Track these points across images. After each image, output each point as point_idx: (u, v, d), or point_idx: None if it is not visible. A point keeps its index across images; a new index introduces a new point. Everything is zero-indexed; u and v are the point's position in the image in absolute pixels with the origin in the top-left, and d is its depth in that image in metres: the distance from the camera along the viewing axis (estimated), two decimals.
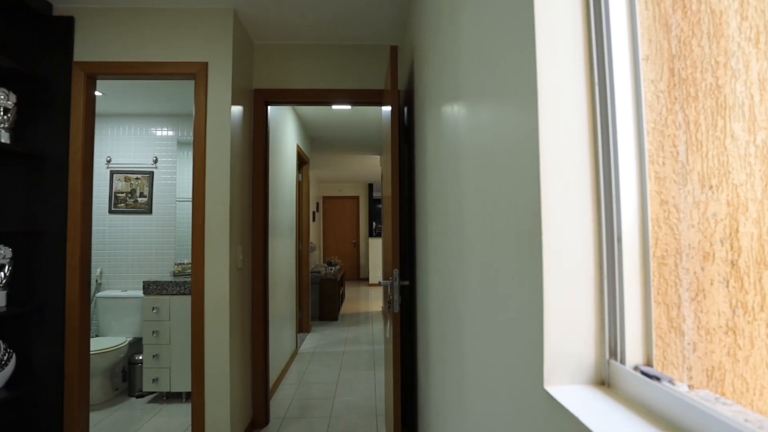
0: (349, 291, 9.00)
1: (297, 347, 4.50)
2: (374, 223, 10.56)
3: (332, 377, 3.69)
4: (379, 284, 2.17)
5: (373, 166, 8.13)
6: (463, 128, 1.07)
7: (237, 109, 2.35)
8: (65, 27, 2.20)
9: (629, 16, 0.63)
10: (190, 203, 3.51)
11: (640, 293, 0.61)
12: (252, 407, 2.68)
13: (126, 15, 2.24)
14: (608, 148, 0.62)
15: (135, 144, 3.65)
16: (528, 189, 0.66)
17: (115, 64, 2.22)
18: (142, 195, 3.58)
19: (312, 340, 4.96)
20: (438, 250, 1.44)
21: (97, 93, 2.30)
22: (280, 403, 3.14)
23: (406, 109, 2.42)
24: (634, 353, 0.60)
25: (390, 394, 2.08)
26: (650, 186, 0.60)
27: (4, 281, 1.97)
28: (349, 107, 3.96)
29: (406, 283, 2.02)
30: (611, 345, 0.62)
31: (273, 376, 3.31)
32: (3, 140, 1.98)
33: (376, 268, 9.52)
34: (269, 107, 2.80)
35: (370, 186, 10.74)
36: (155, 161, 3.62)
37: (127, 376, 3.26)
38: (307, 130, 5.11)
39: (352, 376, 3.71)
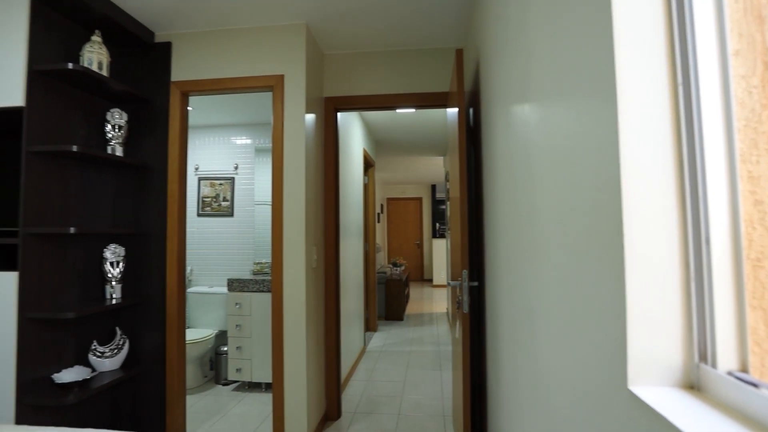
0: (414, 292, 9.04)
1: (365, 345, 4.63)
2: (437, 224, 10.52)
3: (399, 376, 3.76)
4: (448, 285, 2.19)
5: (436, 168, 8.12)
6: (534, 128, 1.08)
7: (310, 117, 2.49)
8: (164, 51, 2.48)
9: (716, 11, 0.62)
10: (267, 206, 3.77)
11: (732, 297, 0.59)
12: (325, 400, 2.81)
13: (213, 37, 2.47)
14: (694, 147, 0.61)
15: (218, 152, 3.98)
16: (607, 189, 0.66)
17: (205, 81, 2.45)
18: (225, 199, 3.91)
19: (379, 339, 5.07)
20: (508, 250, 1.44)
21: (188, 108, 2.55)
22: (350, 398, 3.26)
23: (471, 110, 2.43)
24: (726, 358, 0.59)
25: (459, 395, 2.10)
26: (742, 186, 0.59)
27: (119, 276, 2.26)
28: (413, 110, 4.01)
29: (475, 284, 2.03)
30: (701, 348, 0.61)
31: (343, 372, 3.44)
32: (118, 153, 2.28)
33: (440, 269, 9.48)
34: (339, 114, 2.93)
35: (433, 187, 10.72)
36: (236, 168, 3.93)
37: (214, 365, 3.57)
38: (372, 134, 5.24)
39: (419, 376, 3.75)
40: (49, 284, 2.01)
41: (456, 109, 2.05)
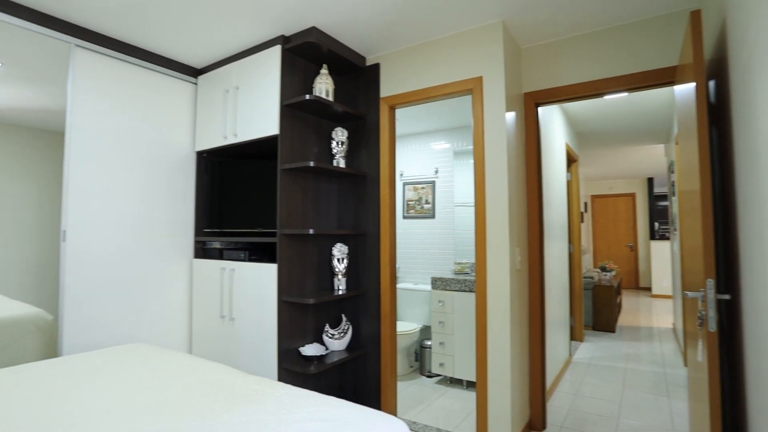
0: (627, 301, 7.89)
1: (570, 355, 4.27)
2: (656, 224, 8.93)
3: (613, 395, 3.33)
4: (685, 296, 1.84)
5: (654, 158, 6.91)
6: None
7: (510, 116, 2.44)
8: (373, 72, 2.80)
9: None
10: (467, 207, 3.85)
11: None
12: (529, 408, 2.70)
13: (413, 51, 2.66)
14: None
15: (419, 158, 4.28)
16: None
17: (408, 93, 2.66)
18: (426, 202, 4.17)
19: (586, 350, 4.60)
20: None
21: (395, 120, 2.81)
22: (555, 410, 3.05)
23: (712, 84, 1.98)
24: None
25: None
26: None
27: (344, 271, 2.66)
28: (624, 95, 3.52)
29: (727, 296, 1.64)
30: None
31: (547, 381, 3.24)
32: (341, 165, 2.69)
33: (661, 276, 8.04)
34: (539, 108, 2.79)
35: (650, 181, 9.15)
36: (436, 171, 4.15)
37: (418, 357, 3.83)
38: (574, 126, 4.81)
39: (638, 399, 3.25)
40: (295, 275, 2.50)
41: (691, 85, 1.71)
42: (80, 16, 2.28)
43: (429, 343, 3.70)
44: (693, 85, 1.69)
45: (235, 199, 2.79)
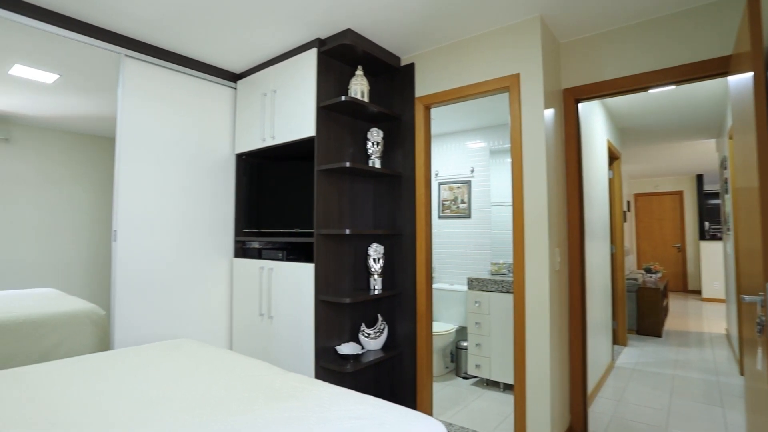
0: (674, 304, 7.52)
1: (613, 360, 4.11)
2: (706, 224, 8.45)
3: (660, 403, 3.18)
4: (743, 300, 1.74)
5: (704, 154, 6.55)
6: None
7: (549, 113, 2.38)
8: (408, 72, 2.80)
9: None
10: (503, 207, 3.78)
11: None
12: (569, 414, 2.62)
13: (449, 50, 2.64)
14: None
15: (455, 157, 4.24)
16: None
17: (443, 93, 2.64)
18: (462, 202, 4.13)
19: (630, 355, 4.41)
20: None
21: (431, 119, 2.79)
22: (597, 416, 2.94)
23: None
24: None
25: None
26: None
27: (380, 270, 2.66)
28: (671, 88, 3.35)
29: None
30: None
31: (589, 386, 3.13)
32: (377, 165, 2.70)
33: (712, 279, 7.60)
34: (579, 105, 2.70)
35: (699, 178, 8.67)
36: (472, 171, 4.10)
37: (454, 358, 3.79)
38: (616, 122, 4.63)
39: (689, 408, 3.08)
40: (332, 275, 2.53)
41: (748, 74, 1.60)
42: (129, 27, 2.40)
43: (465, 344, 3.65)
44: (750, 74, 1.59)
45: (273, 200, 2.85)
